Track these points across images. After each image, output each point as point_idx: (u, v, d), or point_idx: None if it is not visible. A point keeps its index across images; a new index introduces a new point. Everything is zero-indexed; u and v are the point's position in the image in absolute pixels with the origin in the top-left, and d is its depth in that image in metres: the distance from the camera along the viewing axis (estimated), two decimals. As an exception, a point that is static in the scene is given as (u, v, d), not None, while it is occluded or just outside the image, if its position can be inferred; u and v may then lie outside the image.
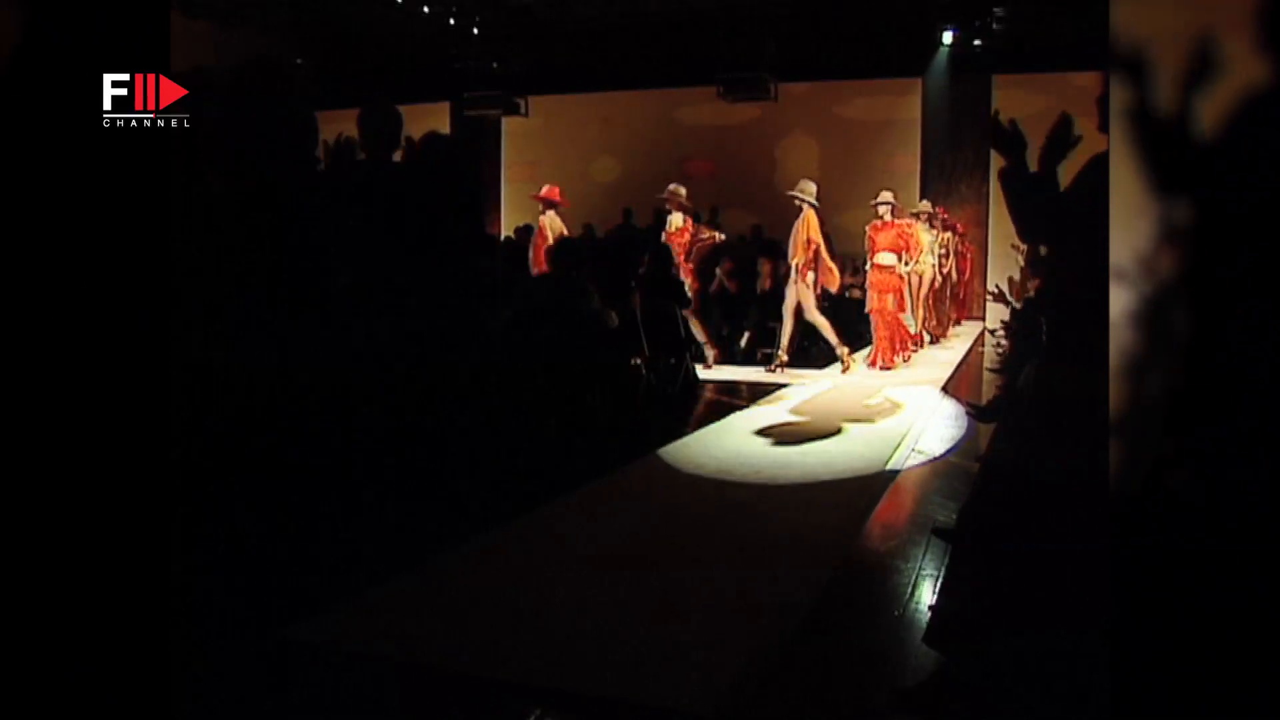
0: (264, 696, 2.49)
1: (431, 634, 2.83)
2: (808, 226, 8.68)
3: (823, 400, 7.42)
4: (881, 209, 9.45)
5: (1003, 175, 3.08)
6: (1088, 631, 2.32)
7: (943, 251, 12.10)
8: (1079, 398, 3.00)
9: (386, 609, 3.02)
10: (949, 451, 5.55)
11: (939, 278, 11.79)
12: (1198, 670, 1.48)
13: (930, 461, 5.30)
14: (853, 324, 11.86)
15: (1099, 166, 3.03)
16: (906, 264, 9.43)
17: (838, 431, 6.14)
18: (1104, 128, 2.95)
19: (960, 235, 13.72)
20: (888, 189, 9.72)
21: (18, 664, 1.74)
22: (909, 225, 9.53)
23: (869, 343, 9.73)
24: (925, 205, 11.86)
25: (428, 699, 2.50)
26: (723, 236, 10.32)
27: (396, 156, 4.46)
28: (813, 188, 8.84)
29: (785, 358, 8.88)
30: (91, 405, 1.77)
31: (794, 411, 6.86)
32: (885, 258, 9.25)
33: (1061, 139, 2.98)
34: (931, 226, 11.42)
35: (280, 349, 3.59)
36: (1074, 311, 3.18)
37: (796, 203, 8.79)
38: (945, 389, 8.11)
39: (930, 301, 11.67)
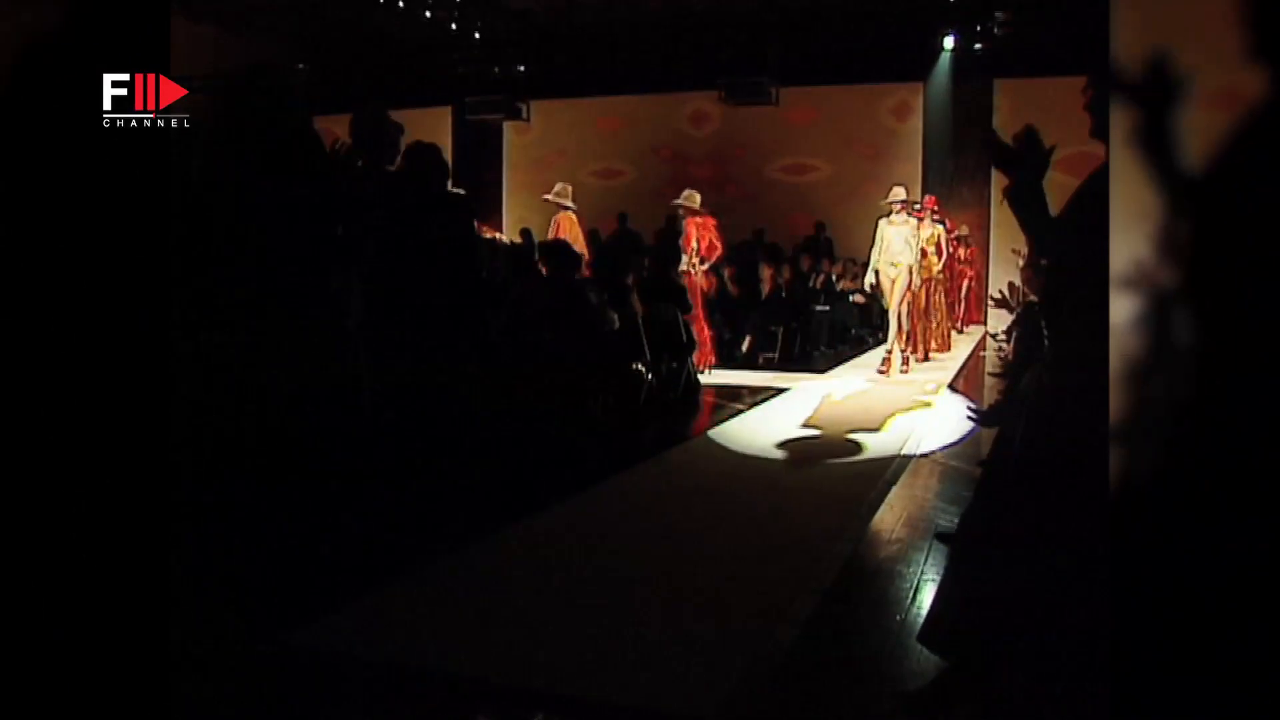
0: (263, 701, 2.49)
1: (433, 638, 2.83)
2: (559, 228, 8.68)
3: (823, 404, 7.41)
4: (681, 210, 9.10)
5: (1006, 194, 3.07)
6: (1088, 634, 2.31)
7: (933, 249, 10.49)
8: (1080, 402, 2.99)
9: (387, 613, 3.01)
10: (951, 456, 5.54)
11: (916, 279, 9.70)
12: (1198, 671, 1.47)
13: (932, 466, 5.29)
14: (853, 326, 11.85)
15: (1102, 177, 3.03)
16: (693, 265, 8.82)
17: (839, 435, 6.13)
18: (1096, 133, 2.95)
19: (951, 231, 12.17)
20: (691, 189, 9.22)
21: (18, 666, 1.74)
22: (695, 221, 8.98)
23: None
24: (898, 193, 9.55)
25: (429, 703, 2.49)
26: (503, 236, 10.35)
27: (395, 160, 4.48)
28: (569, 190, 8.75)
29: None
30: (90, 406, 1.76)
31: (795, 415, 6.85)
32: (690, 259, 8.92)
33: (1034, 154, 2.97)
34: (910, 218, 9.58)
35: (280, 352, 3.59)
36: (1076, 317, 3.17)
37: (555, 206, 8.79)
38: (953, 387, 8.10)
39: (917, 307, 10.14)
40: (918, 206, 10.74)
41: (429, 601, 3.12)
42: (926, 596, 3.22)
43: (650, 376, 7.00)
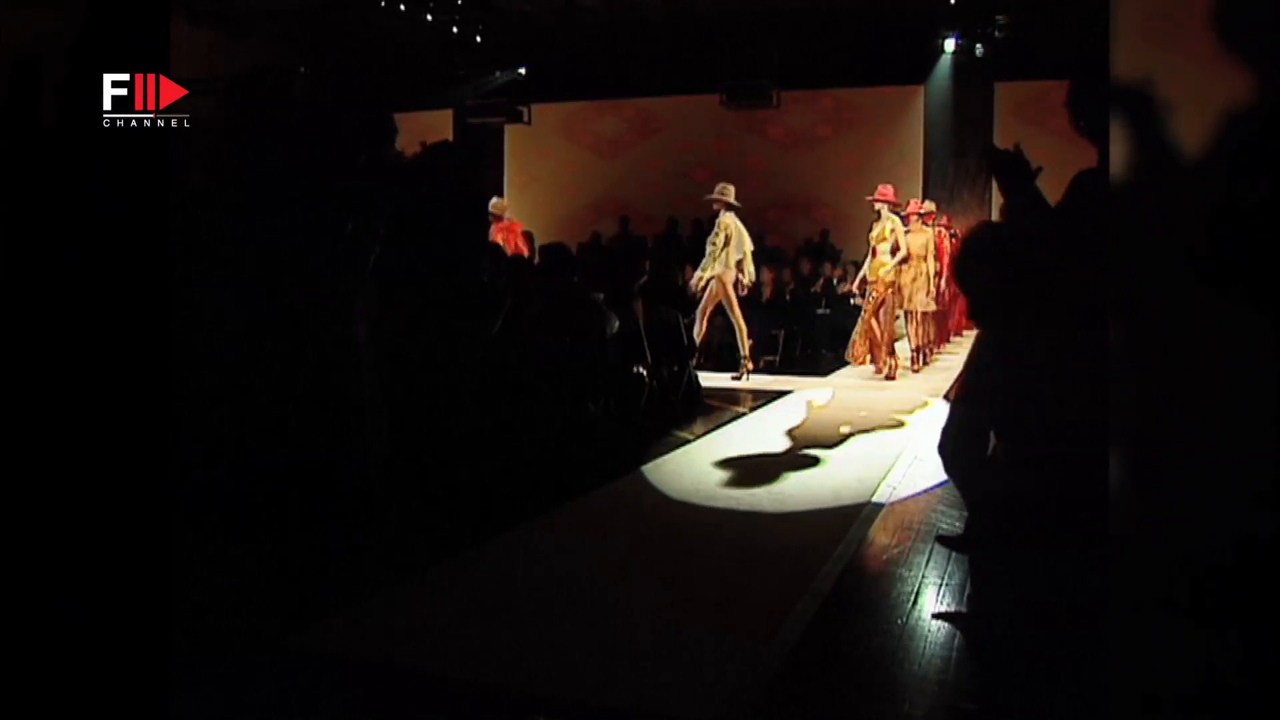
0: (263, 703, 2.48)
1: (432, 641, 2.82)
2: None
3: (825, 408, 7.41)
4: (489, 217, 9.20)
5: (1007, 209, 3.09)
6: (1088, 635, 2.31)
7: (884, 246, 8.93)
8: (1082, 404, 2.99)
9: (387, 616, 3.01)
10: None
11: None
12: (1198, 671, 1.47)
13: (933, 468, 5.28)
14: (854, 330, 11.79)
15: (1085, 184, 3.04)
16: None
17: (840, 439, 6.13)
18: (1076, 124, 2.95)
19: (948, 228, 11.37)
20: (497, 197, 9.48)
21: (19, 665, 1.74)
22: (502, 227, 8.93)
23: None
24: (718, 190, 8.47)
25: (428, 707, 2.49)
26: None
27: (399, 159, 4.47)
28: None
29: None
30: (91, 406, 1.76)
31: (796, 419, 6.85)
32: None
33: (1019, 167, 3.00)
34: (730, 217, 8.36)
35: (280, 353, 3.59)
36: (1080, 323, 3.18)
37: None
38: (948, 396, 8.09)
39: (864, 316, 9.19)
40: (874, 199, 9.15)
41: (429, 604, 3.12)
42: (927, 600, 3.21)
43: (651, 380, 7.00)
